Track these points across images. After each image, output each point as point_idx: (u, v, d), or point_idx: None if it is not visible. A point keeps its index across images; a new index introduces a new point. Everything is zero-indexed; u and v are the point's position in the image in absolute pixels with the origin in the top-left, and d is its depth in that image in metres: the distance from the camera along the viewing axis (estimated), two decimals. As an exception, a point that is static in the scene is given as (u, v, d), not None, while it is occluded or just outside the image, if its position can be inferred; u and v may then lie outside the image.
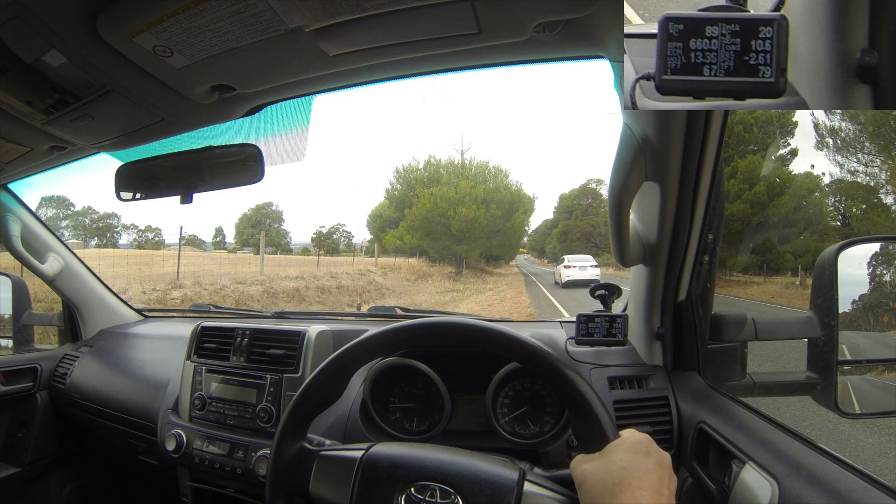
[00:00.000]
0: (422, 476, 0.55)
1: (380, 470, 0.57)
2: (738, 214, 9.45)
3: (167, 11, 0.56)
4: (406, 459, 0.57)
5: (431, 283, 14.02)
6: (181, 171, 0.99)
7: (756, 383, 0.87)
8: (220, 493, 1.03)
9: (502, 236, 17.85)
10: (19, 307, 1.53)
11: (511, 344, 0.60)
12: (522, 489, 0.52)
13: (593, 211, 32.05)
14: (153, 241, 25.92)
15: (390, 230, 19.51)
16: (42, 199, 20.60)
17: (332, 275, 11.43)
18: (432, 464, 0.56)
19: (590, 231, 30.79)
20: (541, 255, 38.22)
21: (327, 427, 0.94)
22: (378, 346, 0.65)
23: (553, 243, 34.65)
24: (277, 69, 0.71)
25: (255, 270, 10.86)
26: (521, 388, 0.96)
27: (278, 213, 30.33)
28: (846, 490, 0.51)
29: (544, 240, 36.85)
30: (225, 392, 1.04)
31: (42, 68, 0.66)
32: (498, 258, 21.19)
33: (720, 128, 0.67)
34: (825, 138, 9.72)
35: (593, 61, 0.68)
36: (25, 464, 1.36)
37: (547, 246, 36.22)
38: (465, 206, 16.47)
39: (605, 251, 29.99)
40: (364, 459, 0.58)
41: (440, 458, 0.57)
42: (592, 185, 33.30)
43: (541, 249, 37.93)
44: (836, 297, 0.75)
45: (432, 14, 0.56)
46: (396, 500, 0.55)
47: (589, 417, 0.54)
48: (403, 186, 19.65)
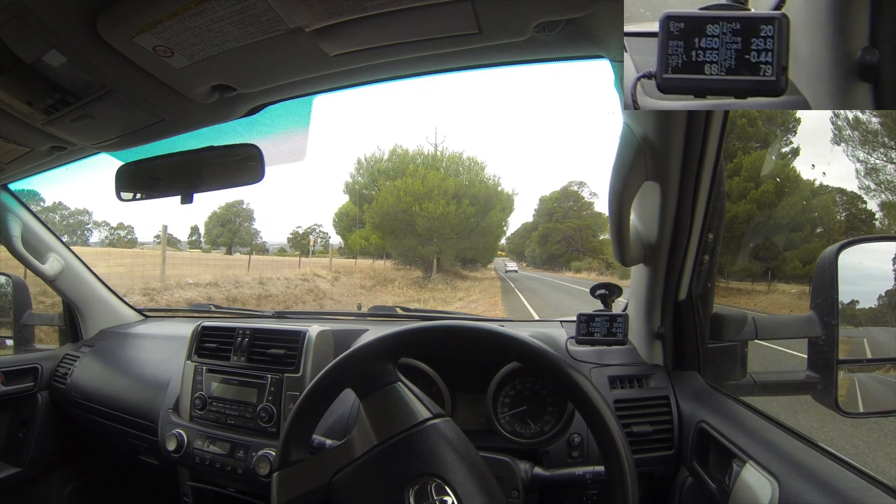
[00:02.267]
0: (423, 471, 0.55)
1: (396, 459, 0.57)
2: (743, 216, 8.91)
3: (167, 12, 0.56)
4: (418, 450, 0.57)
5: (391, 290, 12.48)
6: (181, 171, 0.99)
7: (756, 383, 0.87)
8: (221, 493, 1.03)
9: (476, 237, 15.67)
10: (20, 307, 1.53)
11: (517, 347, 0.60)
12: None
13: (574, 214, 31.06)
14: (125, 240, 24.89)
15: (358, 230, 17.07)
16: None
17: (261, 281, 9.68)
18: (439, 459, 0.56)
19: (571, 234, 30.01)
20: (520, 259, 37.18)
21: (327, 427, 0.94)
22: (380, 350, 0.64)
23: (532, 247, 33.85)
24: (277, 69, 0.71)
25: (196, 271, 9.63)
26: (522, 387, 0.96)
27: (249, 211, 28.29)
28: (846, 489, 0.51)
29: (524, 243, 35.97)
30: (225, 392, 1.04)
31: (42, 68, 0.66)
32: (474, 261, 19.41)
33: (721, 127, 0.67)
34: (844, 131, 8.91)
35: (593, 61, 0.68)
36: (26, 464, 1.36)
37: (526, 249, 35.46)
38: (433, 200, 14.13)
39: (586, 255, 29.16)
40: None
41: (446, 453, 0.57)
42: (574, 187, 32.18)
43: (520, 253, 37.00)
44: (836, 296, 0.75)
45: (432, 14, 0.56)
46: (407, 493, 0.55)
47: (597, 422, 0.55)
48: (365, 179, 17.03)
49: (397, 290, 12.61)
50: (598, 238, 29.53)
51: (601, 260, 26.25)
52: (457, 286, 14.10)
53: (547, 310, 9.22)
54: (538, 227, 33.56)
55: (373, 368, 0.62)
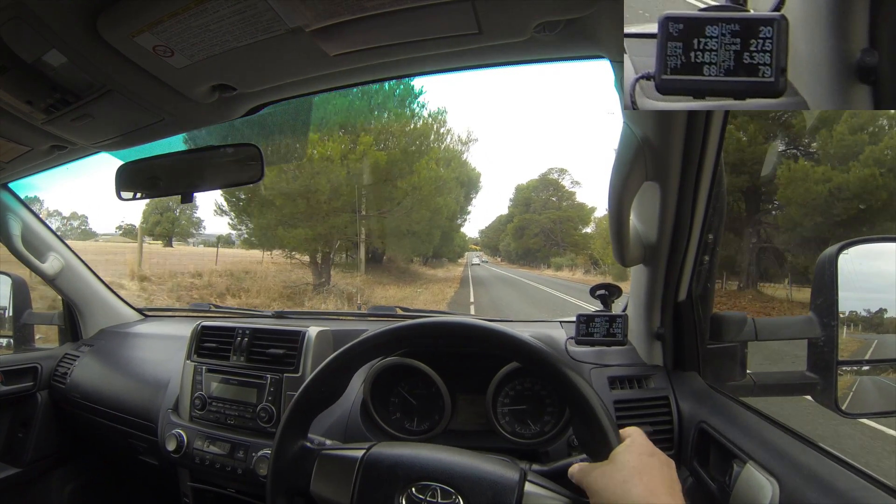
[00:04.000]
0: (423, 476, 0.55)
1: (381, 469, 0.57)
2: (857, 186, 5.41)
3: (168, 11, 0.56)
4: (407, 459, 0.57)
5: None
6: (181, 171, 0.99)
7: (756, 383, 0.87)
8: (221, 494, 1.03)
9: (419, 218, 10.10)
10: (20, 306, 1.53)
11: (513, 345, 0.60)
12: (524, 489, 0.53)
13: (554, 205, 27.75)
14: (79, 231, 22.73)
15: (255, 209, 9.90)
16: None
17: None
18: (434, 464, 0.56)
19: (550, 227, 26.61)
20: (494, 253, 34.31)
21: (327, 427, 0.94)
22: (379, 345, 0.65)
23: (507, 240, 30.77)
24: (278, 69, 0.71)
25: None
26: (522, 387, 0.96)
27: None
28: (847, 489, 0.51)
29: (498, 236, 32.99)
30: (225, 392, 1.04)
31: (42, 68, 0.66)
32: (439, 256, 14.29)
33: (721, 127, 0.67)
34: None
35: (593, 61, 0.68)
36: (26, 464, 1.36)
37: (501, 243, 32.64)
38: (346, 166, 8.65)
39: (567, 250, 25.89)
40: (365, 459, 0.58)
41: (441, 457, 0.57)
42: (554, 174, 28.63)
43: (494, 247, 34.30)
44: (836, 297, 0.75)
45: (432, 14, 0.56)
46: (397, 499, 0.55)
47: (591, 420, 0.54)
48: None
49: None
50: (579, 231, 26.45)
51: (586, 256, 23.10)
52: (374, 294, 9.62)
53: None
54: (513, 218, 30.28)
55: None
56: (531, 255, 28.70)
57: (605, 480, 0.50)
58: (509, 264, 29.92)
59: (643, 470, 0.49)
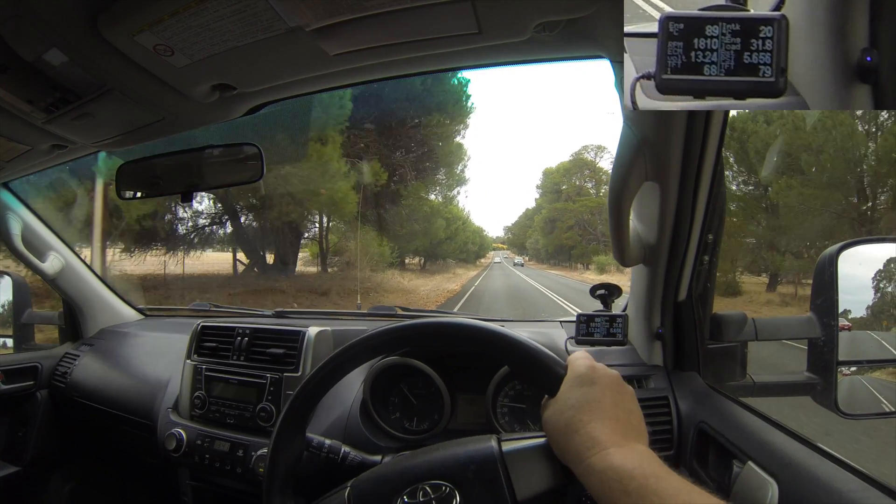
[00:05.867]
0: (407, 481, 0.55)
1: (368, 495, 0.57)
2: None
3: (168, 10, 0.56)
4: (388, 474, 0.57)
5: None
6: (182, 170, 0.99)
7: (756, 383, 0.87)
8: (221, 493, 1.03)
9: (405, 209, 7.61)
10: (20, 306, 1.53)
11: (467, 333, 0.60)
12: (503, 451, 0.53)
13: (588, 192, 21.22)
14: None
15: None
16: None
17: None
18: (413, 467, 0.56)
19: (587, 218, 20.28)
20: (521, 252, 29.79)
21: (327, 427, 0.94)
22: (376, 346, 0.64)
23: (535, 236, 25.04)
24: (278, 68, 0.71)
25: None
26: (521, 387, 0.96)
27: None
28: (846, 490, 0.51)
29: (525, 233, 27.92)
30: (225, 391, 1.04)
31: (43, 67, 0.66)
32: (435, 257, 11.18)
33: (720, 128, 0.67)
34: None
35: (593, 61, 0.68)
36: (26, 463, 1.36)
37: (528, 240, 27.82)
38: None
39: (609, 246, 23.29)
40: (350, 496, 0.58)
41: (418, 459, 0.57)
42: (588, 154, 21.70)
43: (521, 245, 29.97)
44: (836, 297, 0.75)
45: (432, 14, 0.56)
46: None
47: (533, 363, 0.55)
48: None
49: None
50: (624, 222, 21.45)
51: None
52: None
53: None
54: (542, 209, 24.05)
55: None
56: (564, 252, 22.71)
57: (551, 424, 0.49)
58: (538, 264, 24.65)
59: (582, 409, 0.47)
